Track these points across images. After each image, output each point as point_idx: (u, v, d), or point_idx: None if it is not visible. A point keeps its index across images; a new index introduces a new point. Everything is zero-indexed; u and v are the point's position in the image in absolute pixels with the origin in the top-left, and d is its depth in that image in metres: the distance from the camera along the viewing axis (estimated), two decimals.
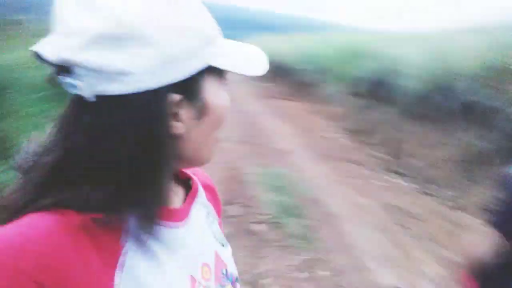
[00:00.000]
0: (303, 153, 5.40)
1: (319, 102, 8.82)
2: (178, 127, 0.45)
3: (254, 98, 9.52)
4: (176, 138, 0.45)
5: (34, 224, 0.39)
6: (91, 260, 0.40)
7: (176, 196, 0.55)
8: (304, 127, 6.91)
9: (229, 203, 3.50)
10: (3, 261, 0.35)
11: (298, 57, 11.17)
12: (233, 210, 3.36)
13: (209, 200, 0.64)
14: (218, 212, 0.67)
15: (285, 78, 11.58)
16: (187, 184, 0.60)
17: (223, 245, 0.62)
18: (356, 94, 7.62)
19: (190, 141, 0.47)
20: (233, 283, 0.60)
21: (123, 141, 0.41)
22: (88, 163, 0.41)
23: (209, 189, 0.66)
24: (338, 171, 4.75)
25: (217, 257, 0.59)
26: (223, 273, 0.59)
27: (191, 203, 0.57)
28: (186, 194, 0.58)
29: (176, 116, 0.44)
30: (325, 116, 7.77)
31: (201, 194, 0.61)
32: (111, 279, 0.41)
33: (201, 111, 0.47)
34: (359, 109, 7.12)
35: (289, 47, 12.79)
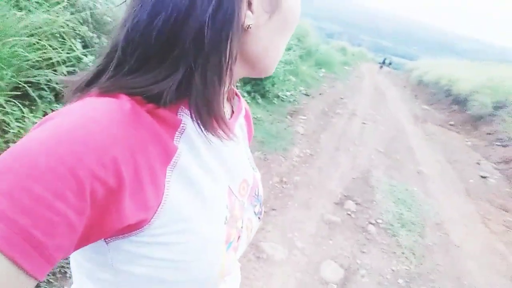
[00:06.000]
0: (444, 182, 5.03)
1: (487, 139, 7.85)
2: (249, 16, 0.44)
3: (413, 120, 9.05)
4: (244, 30, 0.44)
5: (95, 114, 0.36)
6: (149, 153, 0.39)
7: (225, 109, 0.54)
8: (457, 159, 6.30)
9: (350, 198, 3.68)
10: (62, 157, 0.32)
11: (478, 86, 10.04)
12: (350, 205, 3.52)
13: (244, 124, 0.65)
14: (249, 139, 0.68)
15: (457, 107, 10.61)
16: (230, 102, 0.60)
17: (253, 169, 0.63)
18: None
19: (257, 40, 0.46)
20: (261, 205, 0.63)
21: (191, 21, 0.39)
22: (150, 44, 0.40)
23: (246, 115, 0.65)
24: (481, 212, 4.29)
25: (254, 178, 0.61)
26: (255, 194, 0.61)
27: (236, 120, 0.57)
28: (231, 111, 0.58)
29: (250, 5, 0.44)
30: (488, 155, 6.89)
31: (242, 115, 0.62)
32: (163, 175, 0.41)
33: (274, 6, 0.46)
34: None
35: (470, 74, 11.55)
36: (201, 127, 0.42)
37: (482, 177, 5.58)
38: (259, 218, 0.62)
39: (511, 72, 11.02)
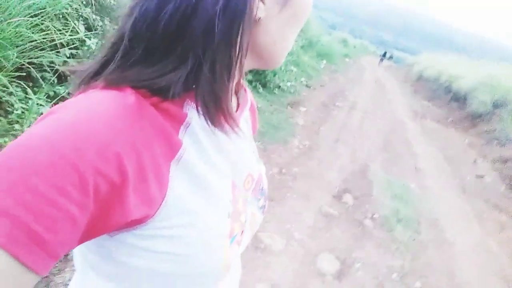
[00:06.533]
0: (441, 179, 5.07)
1: (484, 137, 7.89)
2: (260, 8, 0.43)
3: (412, 115, 9.07)
4: (255, 22, 0.43)
5: (98, 108, 0.36)
6: (153, 147, 0.39)
7: (232, 101, 0.53)
8: (455, 157, 6.35)
9: (347, 191, 3.71)
10: (64, 153, 0.32)
11: (477, 84, 10.05)
12: (347, 198, 3.56)
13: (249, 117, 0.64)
14: (254, 131, 0.68)
15: (456, 104, 10.63)
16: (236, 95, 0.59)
17: (258, 162, 0.62)
18: None
19: (267, 32, 0.46)
20: (265, 199, 0.62)
21: (201, 12, 0.38)
22: (158, 35, 0.39)
23: (251, 107, 0.65)
24: (476, 210, 4.35)
25: (259, 172, 0.61)
26: (260, 188, 0.60)
27: (241, 113, 0.56)
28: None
29: None
30: (485, 153, 6.94)
31: (247, 108, 0.60)
32: (167, 169, 0.40)
33: None
34: None
35: (470, 71, 11.56)
36: (208, 121, 0.42)
37: (478, 175, 5.63)
38: (262, 212, 0.62)
39: (509, 70, 11.04)
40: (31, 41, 2.45)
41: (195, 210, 0.42)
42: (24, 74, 2.37)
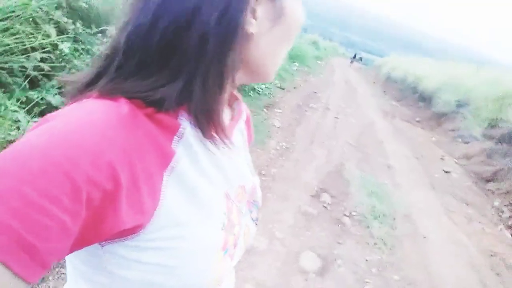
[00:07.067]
0: (412, 176, 5.29)
1: (450, 135, 8.28)
2: (252, 24, 0.44)
3: (382, 115, 9.37)
4: (247, 37, 0.44)
5: (91, 117, 0.36)
6: (146, 156, 0.39)
7: (225, 113, 0.54)
8: (423, 154, 6.62)
9: (324, 190, 3.80)
10: (57, 161, 0.32)
11: (441, 84, 10.53)
12: (325, 197, 3.65)
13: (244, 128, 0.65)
14: (249, 141, 0.68)
15: (422, 103, 11.07)
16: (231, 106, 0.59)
17: (252, 174, 0.62)
18: (493, 137, 6.96)
19: (258, 47, 0.46)
20: (258, 211, 0.63)
21: (194, 27, 0.39)
22: (152, 48, 0.39)
23: (246, 119, 0.65)
24: (445, 204, 4.56)
25: (253, 183, 0.61)
26: (253, 200, 0.61)
27: (235, 124, 0.57)
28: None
29: (253, 13, 0.43)
30: (451, 151, 7.28)
31: (242, 120, 0.61)
32: (160, 179, 0.41)
33: (278, 14, 0.46)
34: (493, 153, 6.50)
35: (435, 72, 12.09)
36: (200, 133, 0.43)
37: (446, 171, 5.91)
38: (256, 224, 0.61)
39: (470, 70, 11.63)
40: (1, 46, 2.37)
41: (187, 221, 0.42)
42: None
